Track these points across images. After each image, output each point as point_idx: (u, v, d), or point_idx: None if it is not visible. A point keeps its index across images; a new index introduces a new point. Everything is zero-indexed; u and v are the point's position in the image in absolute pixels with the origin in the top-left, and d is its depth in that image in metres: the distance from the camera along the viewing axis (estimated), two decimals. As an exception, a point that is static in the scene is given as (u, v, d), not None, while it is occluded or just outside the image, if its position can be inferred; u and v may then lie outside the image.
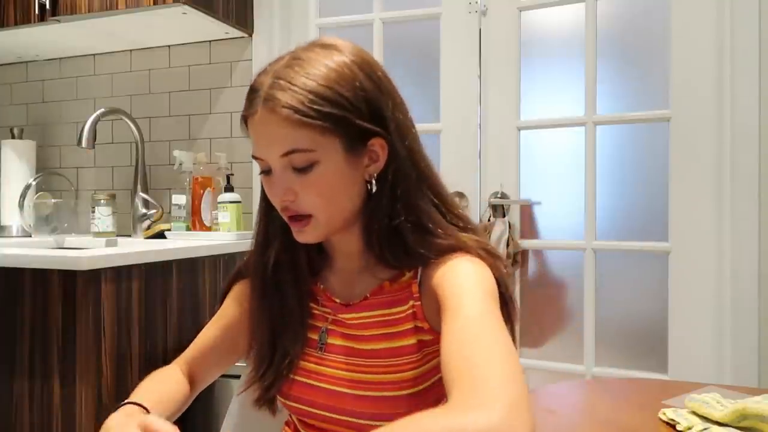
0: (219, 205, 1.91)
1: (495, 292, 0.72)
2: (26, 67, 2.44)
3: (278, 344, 0.85)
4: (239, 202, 1.93)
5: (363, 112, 0.74)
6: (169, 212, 2.07)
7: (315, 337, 0.86)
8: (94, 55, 2.33)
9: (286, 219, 0.79)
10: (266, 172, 0.77)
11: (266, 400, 0.87)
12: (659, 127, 1.72)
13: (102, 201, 2.02)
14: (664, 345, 1.71)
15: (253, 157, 0.77)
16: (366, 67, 0.75)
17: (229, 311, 0.93)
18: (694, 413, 0.82)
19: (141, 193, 2.08)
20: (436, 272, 0.75)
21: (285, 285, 0.85)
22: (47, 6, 1.91)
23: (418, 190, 0.78)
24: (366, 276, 0.84)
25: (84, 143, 1.90)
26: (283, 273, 0.85)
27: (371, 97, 0.74)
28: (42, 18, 1.94)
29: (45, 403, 1.38)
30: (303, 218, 0.77)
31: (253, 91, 0.74)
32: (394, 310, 0.81)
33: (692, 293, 1.67)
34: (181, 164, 2.01)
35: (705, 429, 0.77)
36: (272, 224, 0.84)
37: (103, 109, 1.98)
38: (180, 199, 1.99)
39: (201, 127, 2.17)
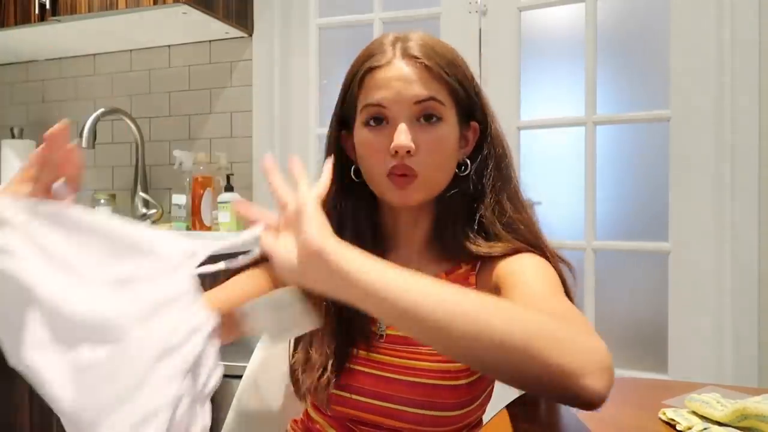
0: (219, 204, 1.91)
1: (560, 283, 0.74)
2: (26, 67, 2.44)
3: (343, 333, 0.82)
4: (239, 202, 1.93)
5: (474, 91, 0.82)
6: (169, 212, 2.07)
7: (371, 326, 0.84)
8: (94, 55, 2.33)
9: (385, 176, 0.77)
10: (379, 120, 0.78)
11: (324, 388, 0.81)
12: (659, 127, 1.72)
13: (102, 201, 2.02)
14: (664, 345, 1.71)
15: (368, 105, 0.77)
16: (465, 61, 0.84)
17: (264, 276, 0.84)
18: (694, 413, 0.82)
19: (141, 193, 2.08)
20: (497, 265, 0.77)
21: None
22: (47, 6, 1.91)
23: (500, 181, 0.83)
24: (423, 267, 0.83)
25: (84, 143, 1.90)
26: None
27: (475, 83, 0.83)
28: (42, 18, 1.94)
29: (45, 403, 1.38)
30: (408, 176, 0.76)
31: (381, 45, 0.79)
32: None
33: (692, 293, 1.67)
34: (181, 164, 2.01)
35: (705, 429, 0.77)
36: (348, 193, 0.83)
37: (103, 109, 1.98)
38: (180, 199, 2.00)
39: (201, 127, 2.17)
